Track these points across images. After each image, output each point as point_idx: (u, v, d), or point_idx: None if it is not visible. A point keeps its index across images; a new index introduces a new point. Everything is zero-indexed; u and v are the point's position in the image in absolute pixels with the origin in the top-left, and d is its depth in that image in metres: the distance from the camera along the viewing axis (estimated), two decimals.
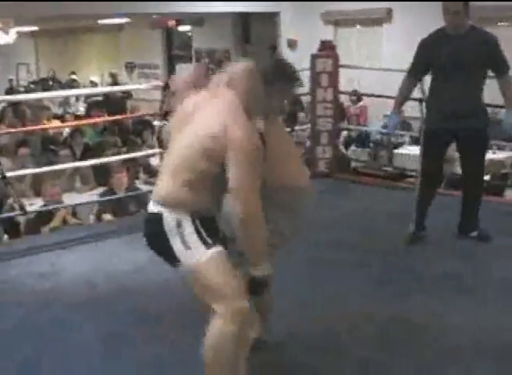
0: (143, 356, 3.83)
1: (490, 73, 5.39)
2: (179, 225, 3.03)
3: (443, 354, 3.79)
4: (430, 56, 5.36)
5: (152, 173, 9.55)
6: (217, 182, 3.03)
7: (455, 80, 5.24)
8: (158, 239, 3.10)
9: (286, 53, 14.01)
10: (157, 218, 3.06)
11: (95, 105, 14.60)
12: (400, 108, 5.65)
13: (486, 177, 8.71)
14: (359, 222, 6.19)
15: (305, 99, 10.33)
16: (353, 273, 3.92)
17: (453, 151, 6.05)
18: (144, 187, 8.40)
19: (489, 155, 9.51)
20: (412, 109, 6.65)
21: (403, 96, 5.61)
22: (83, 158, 9.65)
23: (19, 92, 18.24)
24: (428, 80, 5.53)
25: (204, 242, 3.04)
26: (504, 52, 5.34)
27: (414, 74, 5.51)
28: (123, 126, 12.18)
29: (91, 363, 3.78)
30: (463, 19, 5.22)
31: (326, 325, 4.12)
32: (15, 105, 12.69)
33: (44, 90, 17.19)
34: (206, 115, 3.07)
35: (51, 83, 18.60)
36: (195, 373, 3.43)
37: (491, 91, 5.66)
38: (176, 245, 3.04)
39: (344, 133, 11.46)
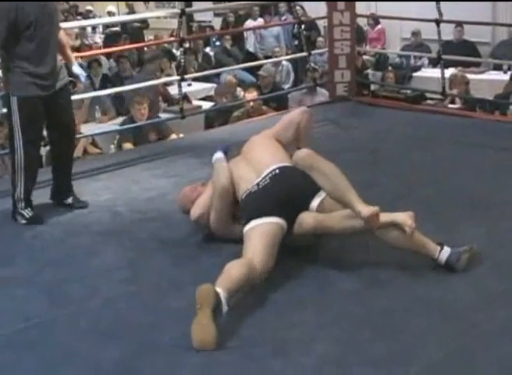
0: (162, 280, 3.88)
1: None
2: None
3: None
4: None
5: (171, 101, 9.58)
6: None
7: None
8: None
9: None
10: None
11: (112, 36, 14.51)
12: None
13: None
14: (376, 144, 6.19)
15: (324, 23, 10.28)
16: (364, 192, 3.95)
17: None
18: (163, 116, 8.41)
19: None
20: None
21: None
22: (102, 88, 9.65)
23: None
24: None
25: None
26: None
27: None
28: (142, 56, 12.11)
29: (112, 289, 3.81)
30: None
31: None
32: None
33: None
34: None
35: (66, 15, 18.39)
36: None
37: None
38: None
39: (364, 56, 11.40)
